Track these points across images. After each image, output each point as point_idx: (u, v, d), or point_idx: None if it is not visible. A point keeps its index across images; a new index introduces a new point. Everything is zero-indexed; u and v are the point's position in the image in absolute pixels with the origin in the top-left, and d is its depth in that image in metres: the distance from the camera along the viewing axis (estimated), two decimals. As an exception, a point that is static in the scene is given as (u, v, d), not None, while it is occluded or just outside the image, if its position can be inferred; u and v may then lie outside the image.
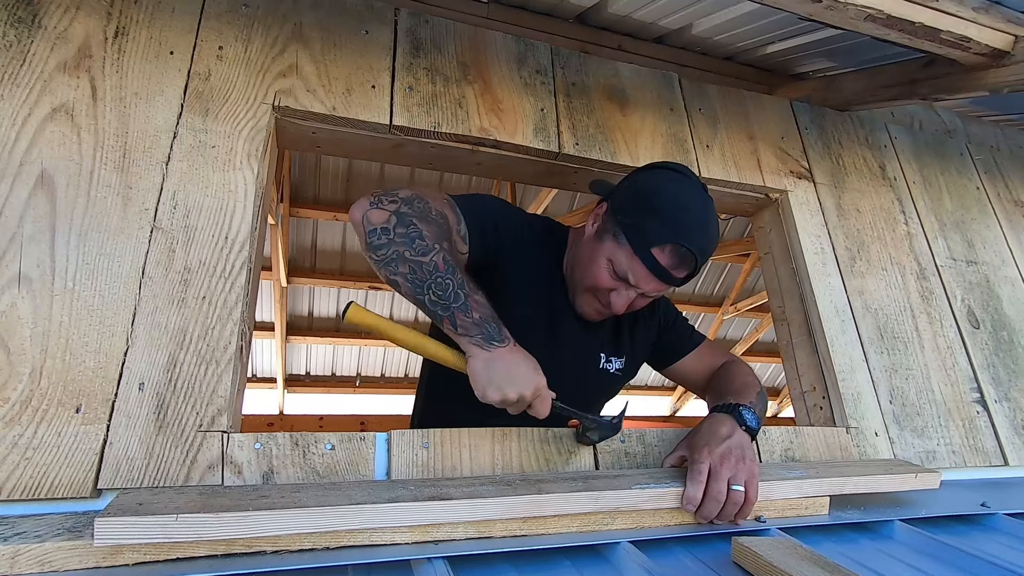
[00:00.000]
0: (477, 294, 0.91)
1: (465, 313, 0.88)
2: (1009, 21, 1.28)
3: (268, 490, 0.80)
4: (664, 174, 1.10)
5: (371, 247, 0.92)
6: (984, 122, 2.14)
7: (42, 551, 0.68)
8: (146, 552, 0.72)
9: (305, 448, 0.89)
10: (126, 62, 1.03)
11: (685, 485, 0.93)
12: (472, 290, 0.90)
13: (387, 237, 0.90)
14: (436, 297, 0.88)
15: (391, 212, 0.93)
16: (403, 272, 0.89)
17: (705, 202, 1.06)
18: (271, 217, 3.54)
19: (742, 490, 0.92)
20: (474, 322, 0.88)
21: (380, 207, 0.94)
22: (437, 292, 0.88)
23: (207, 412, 0.88)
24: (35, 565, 0.68)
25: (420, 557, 0.76)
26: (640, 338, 1.29)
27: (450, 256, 0.91)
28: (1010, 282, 1.73)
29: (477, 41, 1.36)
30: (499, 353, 0.88)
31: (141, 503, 0.72)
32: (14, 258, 0.87)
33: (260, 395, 5.29)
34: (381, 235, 0.90)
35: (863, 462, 1.23)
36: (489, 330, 0.89)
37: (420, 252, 0.89)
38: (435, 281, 0.88)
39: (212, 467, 0.85)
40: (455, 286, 0.88)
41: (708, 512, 0.92)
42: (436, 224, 0.95)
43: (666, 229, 1.01)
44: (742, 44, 1.66)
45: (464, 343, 0.90)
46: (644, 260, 1.02)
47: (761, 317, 5.63)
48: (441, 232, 0.95)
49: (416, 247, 0.89)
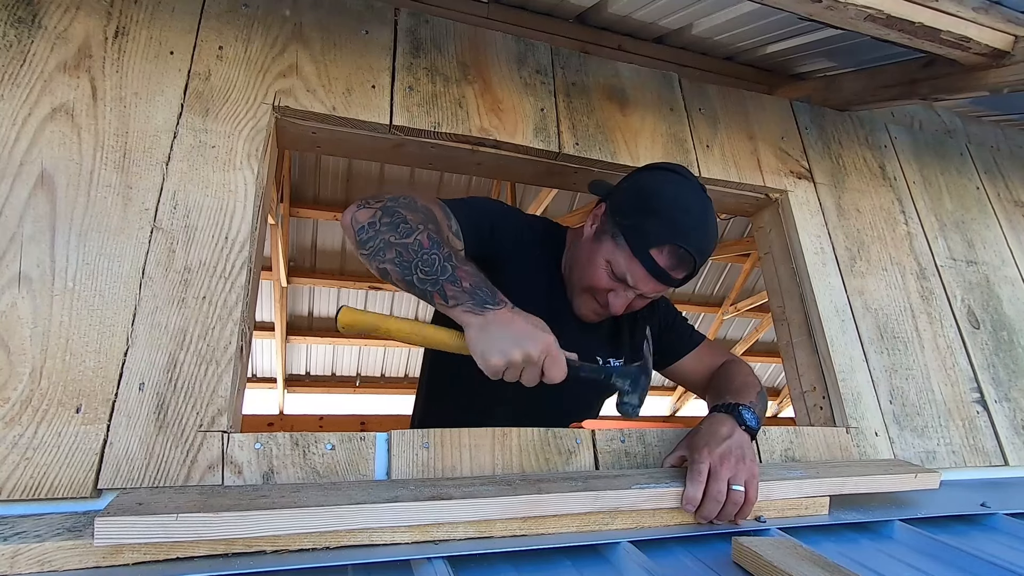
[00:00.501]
0: (466, 265, 0.88)
1: (454, 284, 0.86)
2: (1009, 21, 1.28)
3: (268, 490, 0.80)
4: (663, 175, 1.09)
5: (360, 243, 0.91)
6: (984, 122, 2.14)
7: (42, 551, 0.68)
8: (146, 552, 0.72)
9: (305, 448, 0.89)
10: (126, 62, 1.03)
11: (685, 485, 0.92)
12: (460, 261, 0.88)
13: (374, 230, 0.90)
14: (424, 274, 0.86)
15: (377, 208, 0.93)
16: (390, 257, 0.88)
17: (704, 203, 1.06)
18: (271, 217, 3.54)
19: (742, 490, 0.92)
20: (463, 290, 0.85)
21: (367, 207, 0.94)
22: (424, 269, 0.86)
23: (207, 412, 0.88)
24: (35, 565, 0.68)
25: (420, 557, 0.76)
26: (639, 338, 1.29)
27: (435, 234, 0.89)
28: (1010, 282, 1.73)
29: (477, 41, 1.36)
30: (495, 315, 0.85)
31: (141, 503, 0.72)
32: (14, 258, 0.87)
33: (260, 395, 5.29)
34: (368, 229, 0.91)
35: (863, 462, 1.23)
36: (481, 294, 0.86)
37: (404, 235, 0.88)
38: (421, 259, 0.86)
39: (212, 467, 0.85)
40: (441, 259, 0.86)
41: (708, 512, 0.92)
42: (422, 212, 0.94)
43: (665, 230, 1.01)
44: (742, 44, 1.66)
45: (458, 314, 0.86)
46: (643, 261, 1.02)
47: (761, 317, 5.63)
48: (427, 218, 0.93)
49: (400, 231, 0.88)
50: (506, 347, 0.83)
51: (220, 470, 0.85)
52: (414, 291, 0.89)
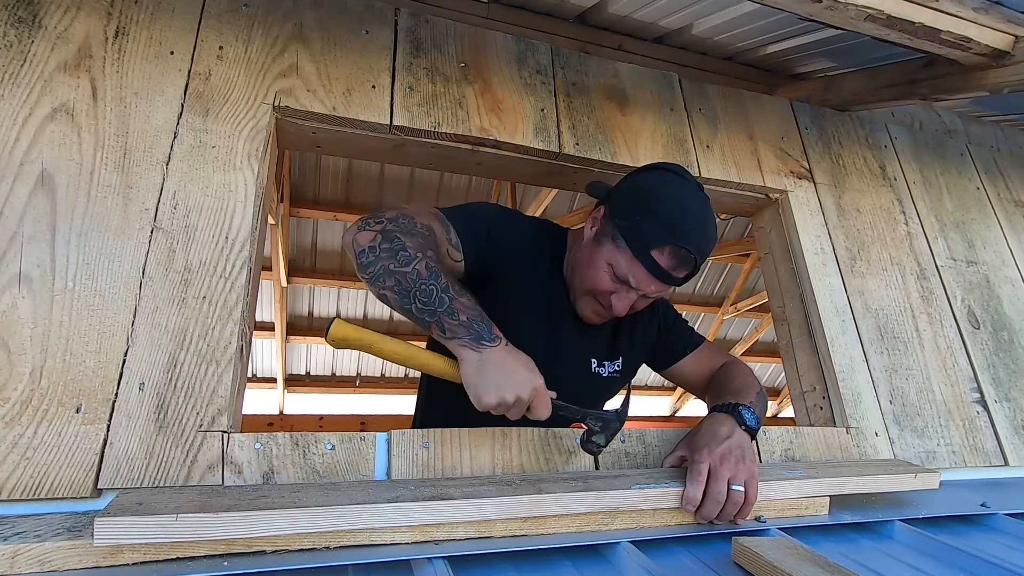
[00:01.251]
0: (464, 296, 0.90)
1: (452, 316, 0.87)
2: (1009, 21, 1.28)
3: (268, 490, 0.80)
4: (660, 175, 1.09)
5: (361, 267, 0.92)
6: (984, 122, 2.14)
7: (42, 551, 0.68)
8: (146, 552, 0.71)
9: (305, 448, 0.89)
10: (126, 62, 1.03)
11: (685, 485, 0.93)
12: (458, 292, 0.90)
13: (374, 255, 0.91)
14: (422, 304, 0.88)
15: (377, 231, 0.94)
16: (390, 285, 0.89)
17: (703, 202, 1.06)
18: (271, 217, 3.54)
19: (742, 490, 0.92)
20: (461, 323, 0.87)
21: (367, 228, 0.95)
22: (422, 299, 0.88)
23: (207, 412, 0.88)
24: (35, 564, 0.68)
25: (420, 557, 0.76)
26: (640, 339, 1.29)
27: (434, 263, 0.91)
28: (1010, 282, 1.73)
29: (477, 41, 1.36)
30: (491, 354, 0.87)
31: (141, 503, 0.72)
32: (14, 258, 0.87)
33: (260, 395, 5.29)
34: (368, 254, 0.91)
35: (863, 462, 1.23)
36: (478, 329, 0.88)
37: (403, 263, 0.89)
38: (419, 288, 0.88)
39: (212, 467, 0.85)
40: (439, 290, 0.88)
41: (708, 512, 0.93)
42: (421, 236, 0.95)
43: (665, 231, 1.01)
44: (742, 44, 1.66)
45: (455, 347, 0.88)
46: (644, 263, 1.02)
47: (761, 317, 5.63)
48: (426, 243, 0.95)
49: (399, 258, 0.90)
50: (500, 388, 0.85)
51: (220, 470, 0.85)
52: (413, 319, 0.90)
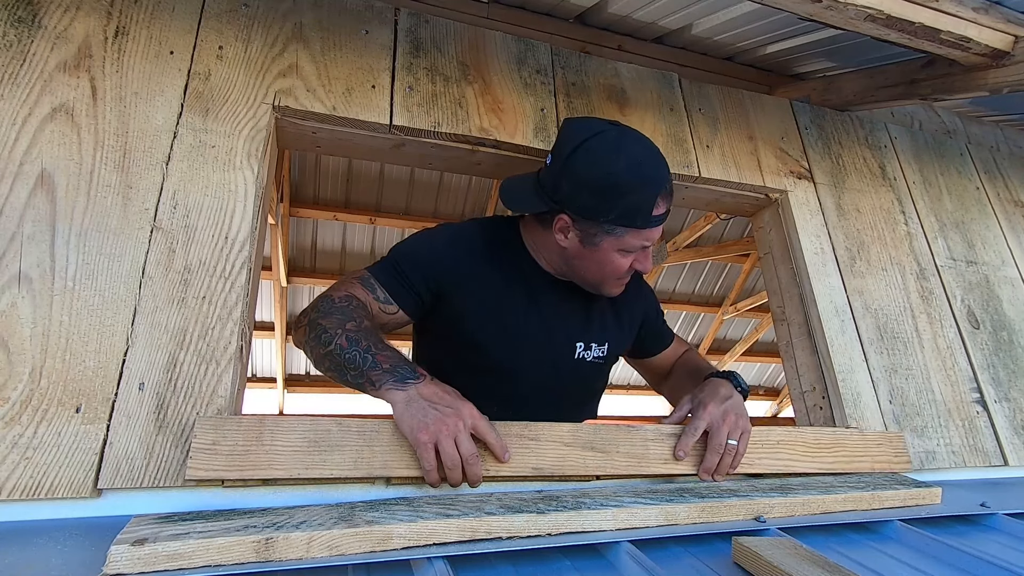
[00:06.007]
0: (386, 350, 0.93)
1: (375, 368, 0.90)
2: (1009, 21, 1.28)
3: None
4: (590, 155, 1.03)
5: (310, 360, 0.99)
6: (984, 122, 2.14)
7: (330, 537, 0.72)
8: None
9: (305, 448, 0.89)
10: (126, 62, 1.03)
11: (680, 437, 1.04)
12: (379, 348, 0.93)
13: (309, 348, 0.98)
14: (354, 371, 0.91)
15: (304, 326, 1.00)
16: (327, 366, 0.95)
17: (639, 140, 1.07)
18: (271, 217, 3.54)
19: (736, 444, 1.05)
20: (385, 371, 0.90)
21: (298, 327, 1.02)
22: (351, 367, 0.91)
23: (207, 412, 0.88)
24: (325, 550, 0.72)
25: (420, 557, 0.76)
26: (626, 320, 1.30)
27: (354, 331, 0.94)
28: (1010, 282, 1.73)
29: (477, 41, 1.36)
30: (417, 389, 0.88)
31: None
32: (14, 258, 0.87)
33: (260, 395, 5.29)
34: (306, 348, 0.99)
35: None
36: (402, 372, 0.90)
37: (326, 344, 0.93)
38: (345, 359, 0.91)
39: (212, 467, 0.85)
40: (361, 353, 0.91)
41: (709, 463, 1.04)
42: (338, 312, 0.99)
43: (647, 191, 1.03)
44: (742, 44, 1.66)
45: (384, 395, 0.89)
46: (651, 223, 1.06)
47: (761, 317, 5.63)
48: (345, 316, 0.98)
49: (323, 341, 0.94)
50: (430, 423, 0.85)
51: (220, 470, 0.85)
52: (355, 389, 0.93)
